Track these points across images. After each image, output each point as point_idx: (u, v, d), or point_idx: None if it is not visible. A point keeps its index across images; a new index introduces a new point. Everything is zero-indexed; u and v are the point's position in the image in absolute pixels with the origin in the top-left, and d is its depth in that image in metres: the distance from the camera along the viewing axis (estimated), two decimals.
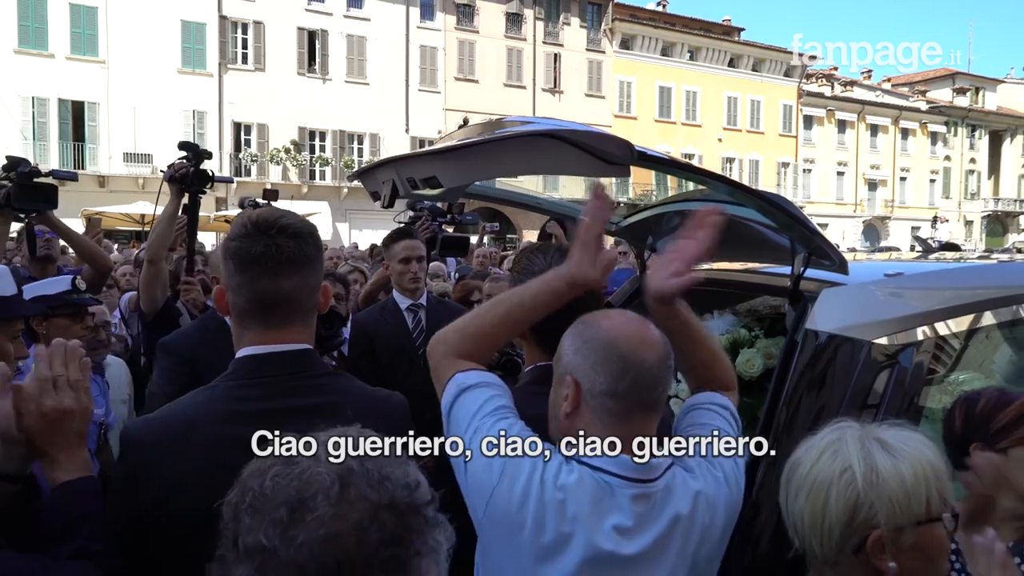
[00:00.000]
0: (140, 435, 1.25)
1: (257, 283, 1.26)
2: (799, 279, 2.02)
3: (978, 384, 2.15)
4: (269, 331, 1.28)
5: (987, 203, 45.66)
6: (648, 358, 1.21)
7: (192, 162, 2.97)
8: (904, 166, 42.31)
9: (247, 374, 1.28)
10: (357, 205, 27.95)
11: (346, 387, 1.36)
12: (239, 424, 1.20)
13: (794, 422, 1.88)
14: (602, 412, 1.22)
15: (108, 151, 23.96)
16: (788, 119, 37.96)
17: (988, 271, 2.39)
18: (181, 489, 1.16)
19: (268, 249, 1.25)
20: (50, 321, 2.41)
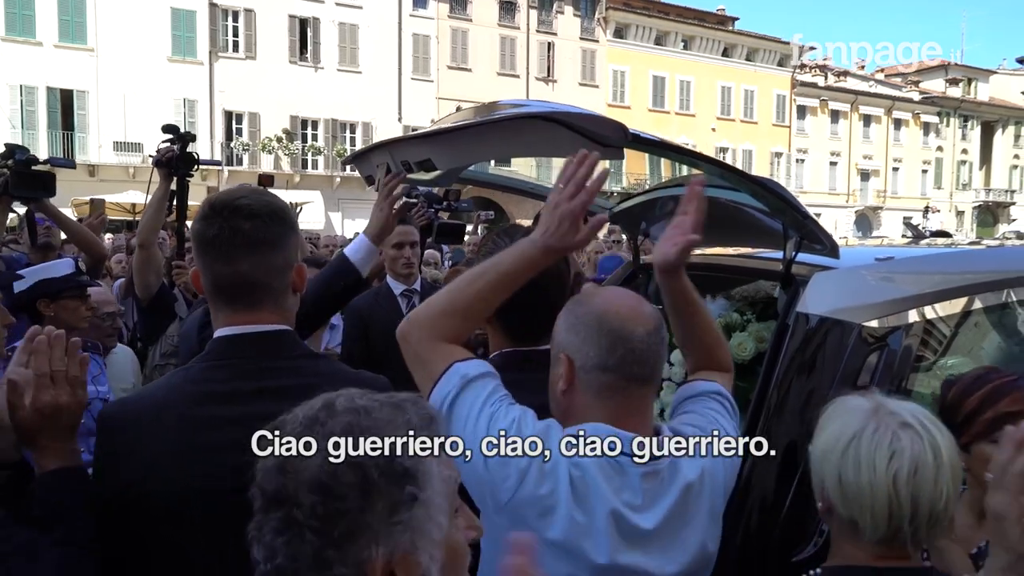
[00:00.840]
0: (116, 416, 1.26)
1: (213, 266, 1.26)
2: (791, 263, 2.03)
3: (964, 368, 2.18)
4: (238, 313, 1.27)
5: (978, 194, 45.87)
6: (638, 331, 1.21)
7: (177, 145, 2.96)
8: (896, 156, 42.44)
9: (218, 355, 1.27)
10: (350, 194, 27.86)
11: (325, 369, 1.33)
12: (209, 404, 1.21)
13: (784, 404, 1.90)
14: (595, 387, 1.22)
15: (98, 140, 23.78)
16: (782, 109, 37.98)
17: (977, 256, 2.42)
18: (155, 469, 1.17)
19: (221, 231, 1.24)
20: (57, 303, 2.42)
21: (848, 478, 1.16)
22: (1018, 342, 2.33)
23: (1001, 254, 2.42)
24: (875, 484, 1.13)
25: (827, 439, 1.21)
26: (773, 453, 1.54)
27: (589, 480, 1.17)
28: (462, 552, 0.82)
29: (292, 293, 1.33)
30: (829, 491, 1.19)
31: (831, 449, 1.19)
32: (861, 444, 1.16)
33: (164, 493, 1.16)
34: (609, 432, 1.19)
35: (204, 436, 1.19)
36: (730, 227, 2.56)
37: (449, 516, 0.79)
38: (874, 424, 1.17)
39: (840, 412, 1.24)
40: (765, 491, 1.86)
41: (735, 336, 2.42)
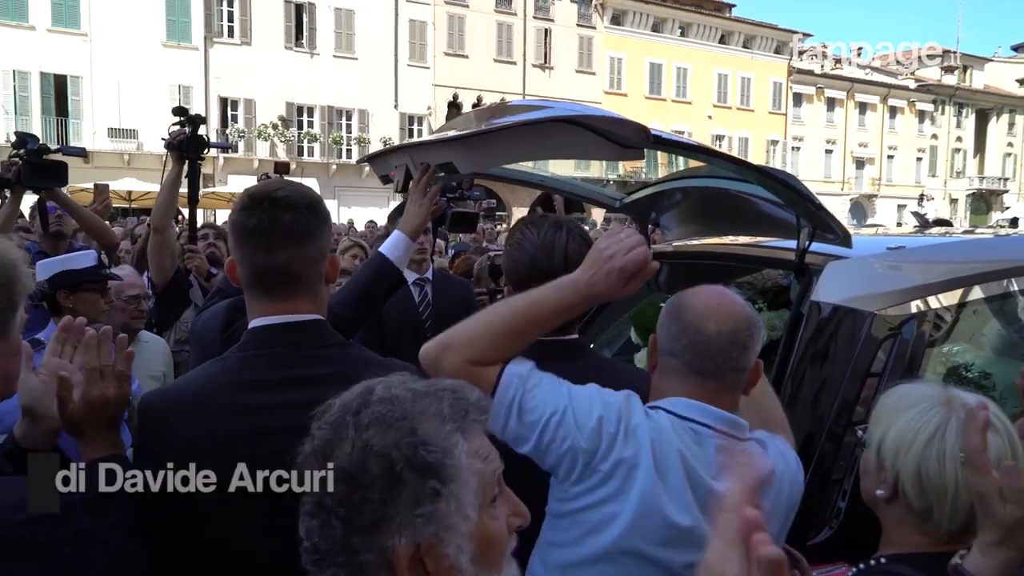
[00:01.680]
0: (157, 404, 1.29)
1: (253, 256, 1.29)
2: (804, 253, 2.07)
3: (977, 355, 2.22)
4: (274, 303, 1.30)
5: (972, 181, 46.00)
6: (709, 327, 1.27)
7: (187, 127, 2.95)
8: (892, 144, 42.49)
9: (256, 345, 1.30)
10: (346, 181, 27.75)
11: (357, 357, 1.36)
12: (247, 393, 1.25)
13: (799, 393, 1.94)
14: (667, 370, 1.32)
15: (92, 126, 23.60)
16: (778, 96, 37.93)
17: (986, 245, 2.45)
18: (196, 456, 1.19)
19: (261, 222, 1.27)
20: (77, 295, 2.43)
21: (930, 472, 1.18)
22: (1022, 330, 2.37)
23: (1007, 243, 2.46)
24: (960, 479, 1.16)
25: (904, 431, 1.22)
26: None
27: (666, 442, 1.24)
28: (498, 540, 0.82)
29: (325, 283, 1.37)
30: (905, 482, 1.21)
31: (910, 442, 1.20)
32: (946, 439, 1.17)
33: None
34: (688, 404, 1.28)
35: (243, 423, 1.22)
36: (742, 217, 2.59)
37: (482, 507, 0.79)
38: (955, 418, 1.19)
39: (910, 402, 1.26)
40: None
41: None
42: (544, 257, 1.54)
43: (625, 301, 2.92)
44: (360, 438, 0.78)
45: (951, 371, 2.13)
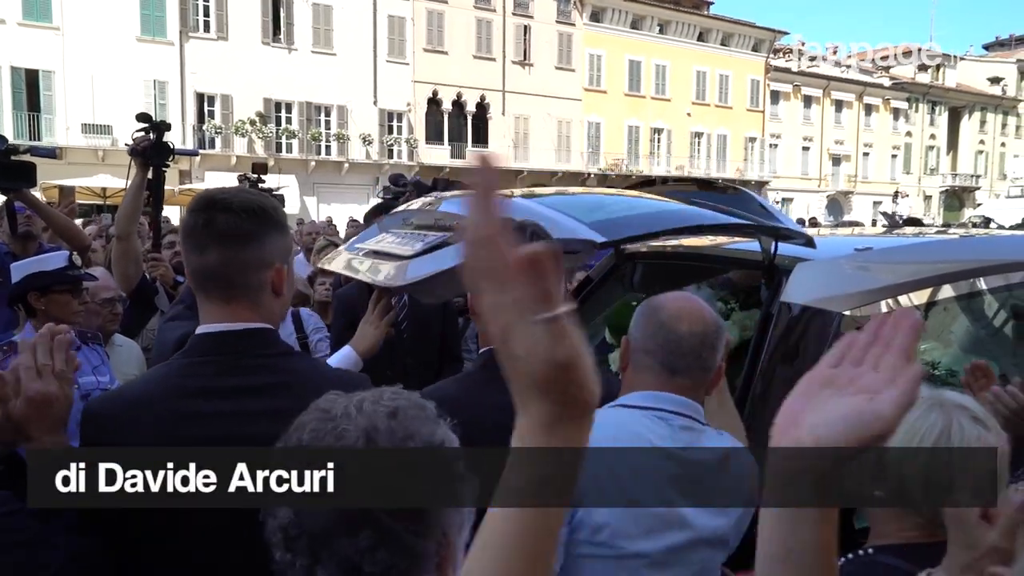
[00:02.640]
0: (100, 409, 1.28)
1: (189, 258, 1.30)
2: (773, 257, 2.10)
3: (939, 353, 2.28)
4: (215, 308, 1.29)
5: (945, 178, 46.79)
6: (682, 328, 1.37)
7: (151, 133, 2.93)
8: (867, 141, 43.07)
9: (200, 351, 1.29)
10: (325, 178, 27.56)
11: (300, 367, 1.34)
12: (189, 399, 1.24)
13: (769, 392, 1.97)
14: (640, 367, 1.41)
15: (65, 122, 23.20)
16: (756, 94, 38.27)
17: (953, 245, 2.50)
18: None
19: (197, 223, 1.27)
20: (48, 297, 2.39)
21: (939, 475, 1.18)
22: (988, 327, 2.43)
23: (973, 243, 2.51)
24: (979, 482, 1.18)
25: (909, 436, 1.23)
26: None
27: (635, 425, 1.33)
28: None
29: (272, 294, 1.32)
30: (912, 486, 1.20)
31: (916, 448, 1.22)
32: (952, 443, 1.20)
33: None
34: (655, 395, 1.38)
35: (183, 430, 1.22)
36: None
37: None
38: (955, 421, 1.21)
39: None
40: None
41: None
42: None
43: (598, 303, 2.94)
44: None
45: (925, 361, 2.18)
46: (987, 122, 48.25)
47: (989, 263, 2.30)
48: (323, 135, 27.38)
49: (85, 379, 2.43)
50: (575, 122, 33.07)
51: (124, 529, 1.20)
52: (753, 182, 38.02)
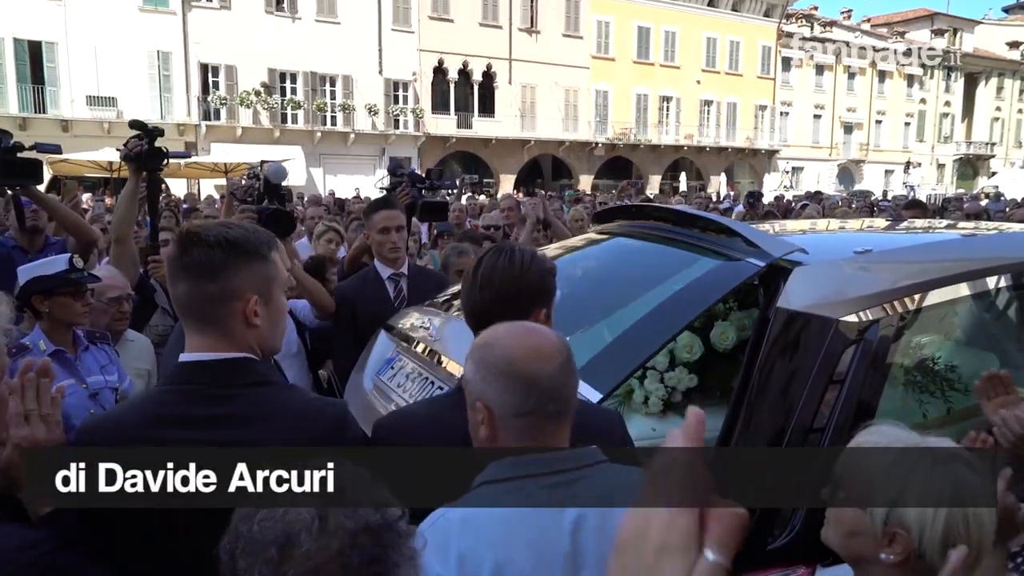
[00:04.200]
0: (88, 430, 1.33)
1: (167, 286, 1.36)
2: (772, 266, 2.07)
3: (938, 351, 2.26)
4: (194, 337, 1.33)
5: (959, 146, 46.08)
6: (546, 370, 1.22)
7: (145, 140, 2.97)
8: (880, 109, 42.39)
9: (176, 380, 1.33)
10: (331, 149, 27.43)
11: (272, 399, 1.34)
12: (162, 428, 1.27)
13: (764, 398, 1.97)
14: (516, 431, 1.24)
15: (70, 94, 23.09)
16: (767, 61, 37.61)
17: (951, 246, 2.47)
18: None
19: (172, 255, 1.32)
20: (52, 299, 2.41)
21: (959, 535, 1.21)
22: (991, 320, 2.41)
23: (977, 243, 2.48)
24: (983, 535, 1.21)
25: (922, 500, 1.24)
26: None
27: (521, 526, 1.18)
28: None
29: (245, 324, 1.32)
30: (931, 550, 1.22)
31: (934, 511, 1.23)
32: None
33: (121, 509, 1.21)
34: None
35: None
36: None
37: None
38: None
39: (908, 463, 1.28)
40: None
41: (717, 325, 2.48)
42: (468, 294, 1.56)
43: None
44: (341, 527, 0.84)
45: (918, 372, 2.17)
46: (1004, 88, 47.31)
47: (998, 263, 2.28)
48: (328, 105, 27.17)
49: (93, 378, 2.46)
50: (583, 91, 32.65)
51: (125, 529, 1.24)
52: (763, 151, 37.59)
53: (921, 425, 2.19)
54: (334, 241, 4.47)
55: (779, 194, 20.87)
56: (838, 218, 8.14)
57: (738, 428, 1.96)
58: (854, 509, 1.31)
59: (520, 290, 1.51)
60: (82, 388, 2.38)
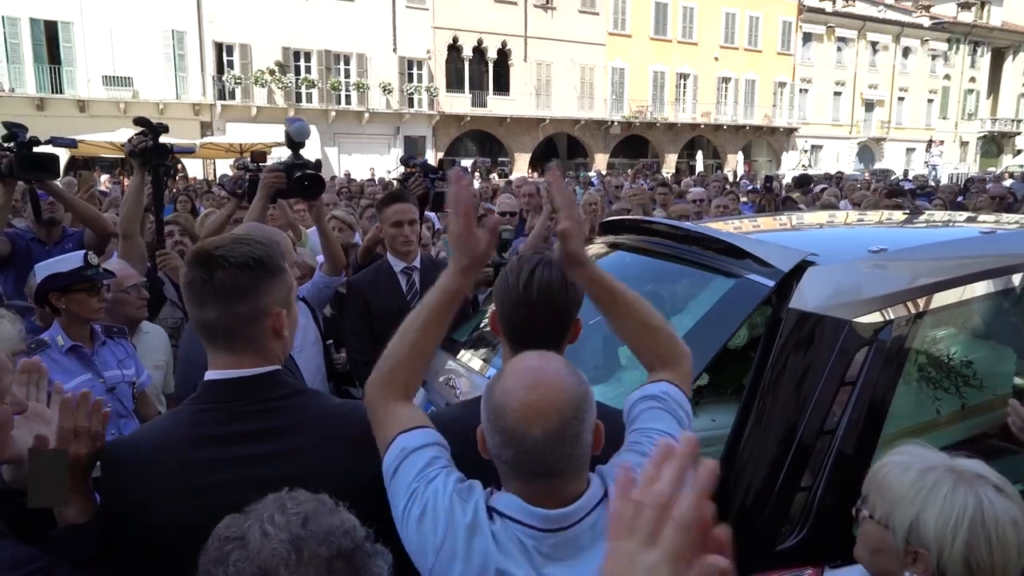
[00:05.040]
0: (112, 455, 1.33)
1: (191, 310, 1.33)
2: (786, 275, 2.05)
3: (953, 348, 2.24)
4: (219, 355, 1.34)
5: (984, 123, 45.13)
6: (533, 432, 1.14)
7: (150, 136, 2.99)
8: (903, 86, 41.53)
9: (206, 399, 1.34)
10: (346, 129, 27.38)
11: (304, 407, 1.37)
12: (199, 448, 1.29)
13: (776, 401, 1.96)
14: (501, 472, 1.23)
15: (86, 74, 23.18)
16: (787, 36, 36.91)
17: (968, 244, 2.44)
18: (152, 509, 1.26)
19: (194, 279, 1.30)
20: (68, 296, 2.45)
21: (980, 559, 1.20)
22: (1009, 324, 2.38)
23: (992, 241, 2.44)
24: (1008, 560, 1.20)
25: (942, 520, 1.23)
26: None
27: (490, 554, 1.18)
28: None
29: (274, 337, 1.35)
30: (953, 571, 1.22)
31: (953, 531, 1.22)
32: (987, 523, 1.21)
33: (161, 530, 1.25)
34: (518, 509, 1.19)
35: (196, 479, 1.27)
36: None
37: None
38: (984, 497, 1.22)
39: (928, 483, 1.27)
40: (752, 480, 1.94)
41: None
42: (513, 283, 1.53)
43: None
44: (316, 555, 0.86)
45: (932, 369, 2.16)
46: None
47: (1016, 260, 2.24)
48: (343, 84, 27.08)
49: (110, 372, 2.50)
50: (599, 68, 32.27)
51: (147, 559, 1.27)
52: (781, 129, 37.04)
53: (934, 422, 2.18)
54: (342, 231, 4.49)
55: (797, 174, 20.62)
56: (856, 200, 8.04)
57: (749, 425, 1.97)
58: (878, 526, 1.33)
59: (569, 304, 1.51)
60: (100, 383, 2.42)
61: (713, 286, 2.21)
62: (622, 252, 2.79)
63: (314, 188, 2.81)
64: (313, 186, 2.80)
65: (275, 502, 0.90)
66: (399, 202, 3.03)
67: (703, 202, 6.54)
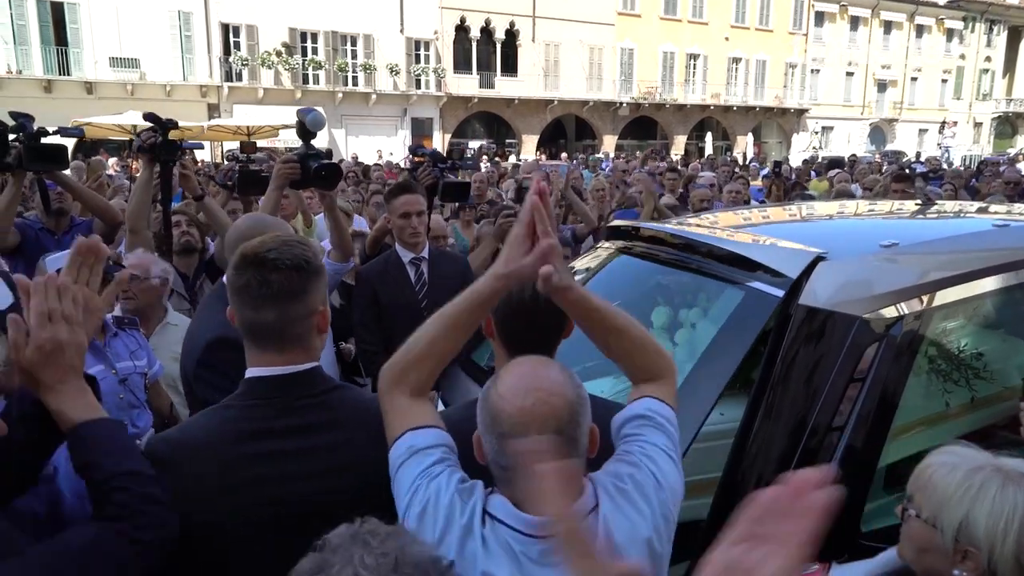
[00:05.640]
0: (160, 452, 1.33)
1: (243, 313, 1.35)
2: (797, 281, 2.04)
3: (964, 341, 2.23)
4: (267, 354, 1.36)
5: (999, 104, 44.49)
6: (529, 437, 1.15)
7: (159, 133, 2.99)
8: (916, 66, 40.94)
9: (253, 395, 1.36)
10: (353, 110, 27.27)
11: (349, 401, 1.43)
12: (245, 443, 1.32)
13: (784, 399, 1.96)
14: (495, 472, 1.23)
15: (93, 55, 23.12)
16: (799, 16, 36.39)
17: (980, 239, 2.41)
18: (201, 505, 1.27)
19: (249, 283, 1.32)
20: None
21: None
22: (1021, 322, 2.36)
23: (1005, 234, 2.41)
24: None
25: (993, 520, 1.25)
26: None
27: (478, 556, 1.18)
28: None
29: (317, 334, 1.42)
30: (1004, 569, 1.24)
31: (1004, 531, 1.24)
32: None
33: (211, 526, 1.27)
34: (508, 513, 1.19)
35: (244, 473, 1.30)
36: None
37: None
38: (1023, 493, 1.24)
39: (977, 482, 1.29)
40: (761, 475, 1.94)
41: None
42: (516, 291, 1.50)
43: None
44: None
45: (943, 361, 2.15)
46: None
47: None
48: (349, 66, 26.92)
49: (122, 364, 2.51)
50: (607, 48, 31.94)
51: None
52: (792, 110, 36.66)
53: (943, 415, 2.18)
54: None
55: (808, 157, 20.42)
56: (868, 185, 7.95)
57: (758, 420, 1.97)
58: (926, 526, 1.34)
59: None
60: (112, 374, 2.44)
61: (724, 298, 2.19)
62: (627, 257, 2.76)
63: (332, 178, 2.80)
64: (331, 176, 2.79)
65: (355, 539, 0.87)
66: (407, 193, 3.03)
67: (714, 187, 6.50)
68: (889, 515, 1.87)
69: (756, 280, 2.11)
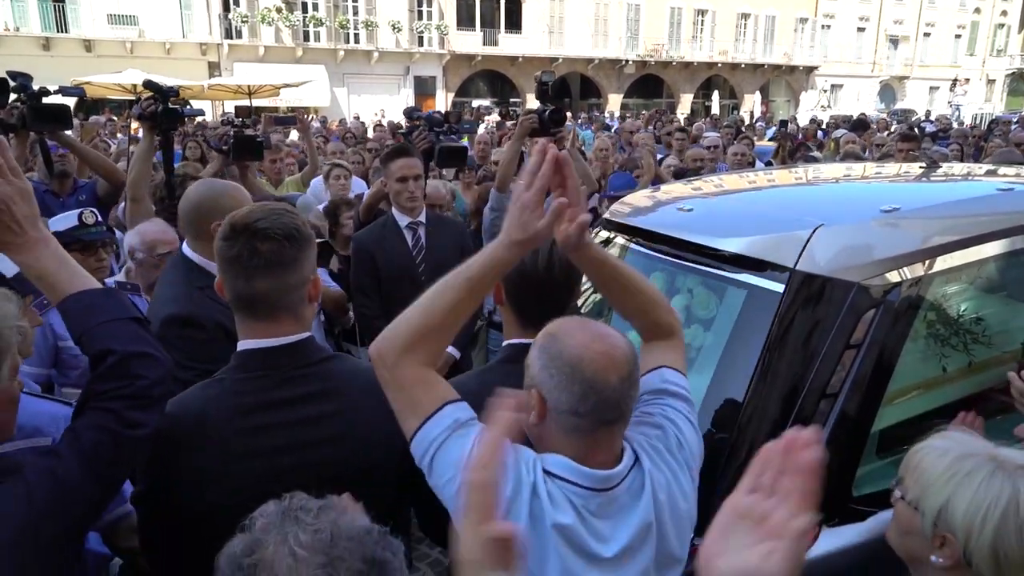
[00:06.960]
0: (162, 430, 1.30)
1: (235, 284, 1.34)
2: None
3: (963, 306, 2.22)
4: (259, 325, 1.35)
5: (1013, 60, 43.51)
6: (611, 380, 1.21)
7: (159, 101, 2.97)
8: (929, 20, 39.94)
9: (246, 368, 1.36)
10: (355, 68, 26.87)
11: (341, 371, 1.43)
12: (245, 416, 1.32)
13: (781, 356, 1.95)
14: (565, 428, 1.24)
15: (91, 12, 22.74)
16: None
17: (984, 203, 2.38)
18: (207, 481, 1.28)
19: (241, 253, 1.31)
20: None
21: (1008, 551, 1.19)
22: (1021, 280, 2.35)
23: (1007, 198, 2.38)
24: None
25: (974, 506, 1.23)
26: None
27: (546, 511, 1.21)
28: None
29: (308, 303, 1.41)
30: (979, 559, 1.21)
31: (983, 518, 1.21)
32: (1020, 512, 1.19)
33: (214, 504, 1.27)
34: (569, 469, 1.23)
35: (245, 446, 1.31)
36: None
37: None
38: (1012, 484, 1.20)
39: (965, 469, 1.26)
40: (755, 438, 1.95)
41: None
42: (530, 261, 1.52)
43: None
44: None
45: (941, 326, 2.14)
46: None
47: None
48: (351, 22, 26.43)
49: None
50: (613, 4, 31.23)
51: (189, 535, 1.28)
52: (801, 68, 35.96)
53: (940, 379, 2.18)
54: (342, 176, 4.47)
55: (814, 116, 20.11)
56: (877, 143, 7.83)
57: (753, 384, 1.98)
58: (909, 508, 1.32)
59: (580, 277, 1.54)
60: None
61: (726, 300, 2.15)
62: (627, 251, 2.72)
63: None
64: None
65: (286, 516, 0.85)
66: (404, 156, 2.99)
67: (718, 148, 6.41)
68: (881, 480, 1.89)
69: (756, 276, 2.07)
